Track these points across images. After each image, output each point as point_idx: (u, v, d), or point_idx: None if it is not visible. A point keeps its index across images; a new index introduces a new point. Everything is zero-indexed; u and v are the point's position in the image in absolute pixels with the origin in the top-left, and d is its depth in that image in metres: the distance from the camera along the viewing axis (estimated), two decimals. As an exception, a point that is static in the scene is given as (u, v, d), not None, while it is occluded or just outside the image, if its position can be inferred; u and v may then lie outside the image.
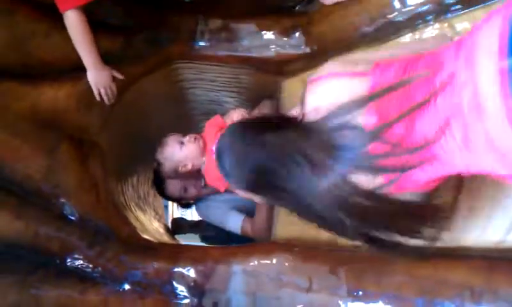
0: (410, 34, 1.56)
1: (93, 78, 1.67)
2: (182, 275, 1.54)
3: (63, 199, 1.64)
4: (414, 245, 1.30)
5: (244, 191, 1.38)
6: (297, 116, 1.02)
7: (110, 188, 1.82)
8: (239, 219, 2.00)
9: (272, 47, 1.95)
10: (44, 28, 1.67)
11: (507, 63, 0.78)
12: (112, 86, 1.74)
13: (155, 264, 1.58)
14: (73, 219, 1.63)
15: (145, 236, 1.79)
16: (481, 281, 1.12)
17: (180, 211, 3.06)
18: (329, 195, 0.92)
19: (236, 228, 2.01)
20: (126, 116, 1.97)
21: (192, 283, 1.53)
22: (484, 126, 0.83)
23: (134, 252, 1.62)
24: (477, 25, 0.88)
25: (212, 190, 2.01)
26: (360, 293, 1.29)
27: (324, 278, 1.36)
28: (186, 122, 2.35)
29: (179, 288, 1.54)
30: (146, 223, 2.09)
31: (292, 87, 1.94)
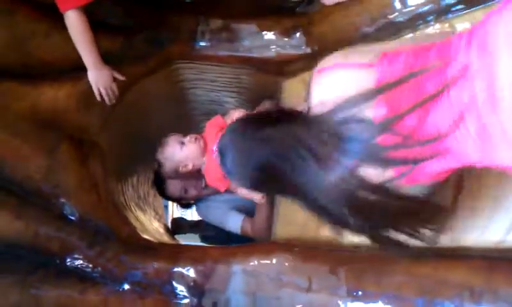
0: (411, 35, 1.56)
1: (93, 78, 1.67)
2: (182, 275, 1.54)
3: (63, 199, 1.64)
4: (414, 245, 1.31)
5: (247, 188, 1.38)
6: (302, 108, 1.00)
7: (110, 188, 1.82)
8: (239, 218, 2.00)
9: (272, 47, 1.95)
10: (44, 28, 1.67)
11: None
12: (113, 85, 1.74)
13: (155, 264, 1.58)
14: (73, 219, 1.63)
15: (145, 236, 1.79)
16: (481, 281, 1.12)
17: (180, 211, 3.06)
18: (335, 189, 0.90)
19: (236, 227, 2.01)
20: (126, 116, 1.97)
21: (192, 283, 1.53)
22: (499, 119, 0.81)
23: (134, 252, 1.62)
24: (489, 14, 0.85)
25: (213, 191, 2.01)
26: (360, 293, 1.29)
27: (323, 278, 1.36)
28: (187, 122, 2.35)
29: (179, 288, 1.54)
30: (146, 223, 2.09)
31: (292, 88, 1.94)
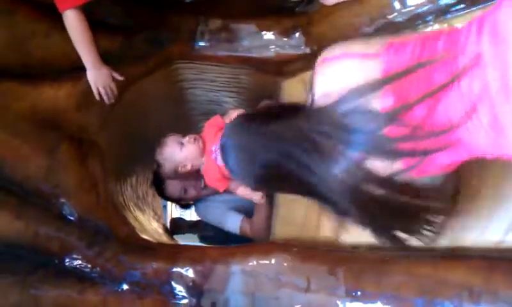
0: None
1: (92, 77, 1.67)
2: (181, 276, 1.54)
3: (62, 199, 1.64)
4: (414, 244, 1.30)
5: (250, 186, 1.36)
6: (305, 101, 0.97)
7: (109, 188, 1.82)
8: (238, 219, 2.00)
9: (272, 47, 1.95)
10: (44, 28, 1.67)
11: None
12: (112, 85, 1.73)
13: (154, 264, 1.58)
14: (72, 219, 1.63)
15: (144, 237, 1.79)
16: (480, 281, 1.11)
17: (179, 211, 3.06)
18: (340, 183, 0.88)
19: (235, 228, 2.01)
20: (125, 116, 1.97)
21: (190, 283, 1.53)
22: None
23: (132, 253, 1.62)
24: (500, 1, 0.82)
25: (212, 191, 2.01)
26: (359, 293, 1.28)
27: (322, 278, 1.36)
28: (185, 122, 2.35)
29: (178, 288, 1.54)
30: (145, 223, 2.09)
31: (291, 88, 1.94)
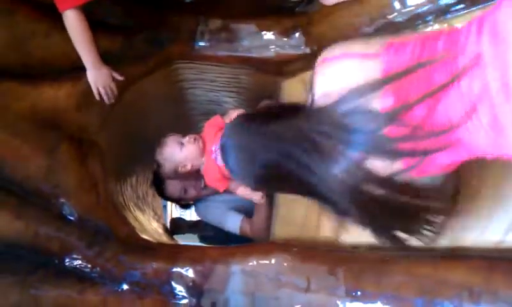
0: (410, 35, 1.57)
1: (92, 77, 1.67)
2: (181, 276, 1.54)
3: (62, 199, 1.64)
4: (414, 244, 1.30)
5: (250, 186, 1.36)
6: (305, 101, 0.97)
7: (109, 188, 1.82)
8: (238, 219, 2.00)
9: (272, 47, 1.95)
10: (44, 28, 1.67)
11: None
12: (112, 85, 1.73)
13: (154, 264, 1.58)
14: (72, 219, 1.63)
15: (144, 237, 1.79)
16: (480, 281, 1.11)
17: (178, 211, 3.06)
18: (340, 183, 0.88)
19: (235, 228, 2.01)
20: (125, 116, 1.97)
21: (190, 283, 1.53)
22: None
23: (132, 253, 1.62)
24: (500, 1, 0.82)
25: (212, 191, 2.01)
26: (359, 293, 1.28)
27: (322, 278, 1.36)
28: (185, 122, 2.35)
29: (178, 288, 1.54)
30: (145, 223, 2.09)
31: (291, 88, 1.94)
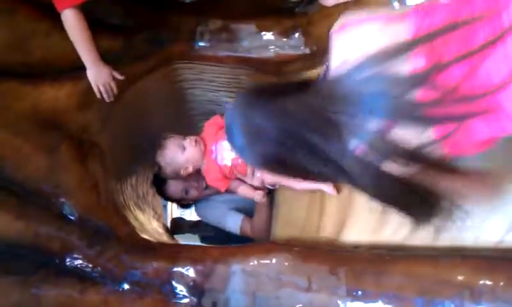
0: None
1: (92, 75, 1.67)
2: (181, 275, 1.54)
3: (63, 199, 1.63)
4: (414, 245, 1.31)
5: (257, 168, 1.29)
6: (319, 74, 0.90)
7: (110, 188, 1.82)
8: (238, 218, 2.01)
9: (271, 47, 1.95)
10: (45, 28, 1.67)
11: None
12: (113, 84, 1.73)
13: (155, 264, 1.58)
14: (73, 218, 1.63)
15: (144, 236, 1.78)
16: (481, 280, 1.12)
17: (179, 211, 3.06)
18: (359, 160, 0.80)
19: (235, 228, 2.01)
20: (125, 116, 1.97)
21: (191, 283, 1.53)
22: None
23: (133, 252, 1.62)
24: None
25: (213, 191, 2.01)
26: (360, 293, 1.29)
27: (323, 278, 1.36)
28: (185, 122, 2.35)
29: (178, 287, 1.54)
30: (146, 223, 2.09)
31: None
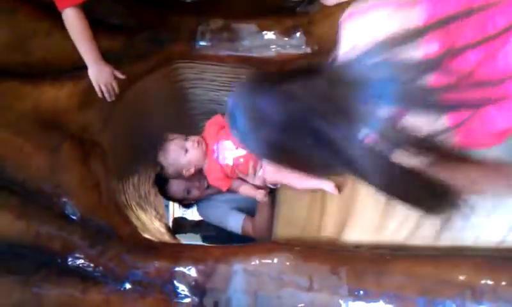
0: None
1: (94, 74, 1.66)
2: (183, 275, 1.54)
3: (64, 199, 1.64)
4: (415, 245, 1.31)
5: (261, 156, 1.25)
6: (328, 60, 0.86)
7: (111, 187, 1.82)
8: (240, 218, 2.00)
9: (273, 46, 1.95)
10: (45, 27, 1.67)
11: None
12: (114, 83, 1.72)
13: (156, 263, 1.58)
14: (74, 218, 1.63)
15: (146, 236, 1.79)
16: (482, 280, 1.12)
17: (181, 210, 3.06)
18: (368, 149, 0.76)
19: (237, 227, 2.01)
20: (126, 116, 1.97)
21: (193, 282, 1.53)
22: None
23: (135, 252, 1.62)
24: None
25: (215, 190, 2.01)
26: (361, 292, 1.29)
27: (325, 278, 1.36)
28: (186, 122, 2.35)
29: (180, 287, 1.54)
30: (147, 222, 2.09)
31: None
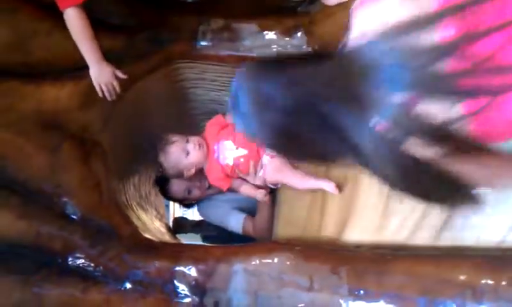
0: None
1: (94, 74, 1.67)
2: (184, 275, 1.54)
3: (65, 198, 1.64)
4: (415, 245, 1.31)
5: (263, 144, 1.20)
6: (338, 47, 0.83)
7: (112, 187, 1.82)
8: (241, 218, 2.00)
9: (274, 46, 1.95)
10: (46, 27, 1.67)
11: None
12: (115, 82, 1.73)
13: (157, 263, 1.58)
14: (75, 218, 1.63)
15: (147, 236, 1.79)
16: (483, 280, 1.12)
17: (181, 210, 3.06)
18: (379, 137, 0.73)
19: (237, 227, 2.01)
20: (127, 115, 1.97)
21: (193, 282, 1.53)
22: None
23: (135, 252, 1.62)
24: None
25: (216, 190, 2.01)
26: (361, 292, 1.29)
27: (325, 277, 1.36)
28: (187, 121, 2.35)
29: (180, 287, 1.54)
30: (148, 222, 2.09)
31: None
